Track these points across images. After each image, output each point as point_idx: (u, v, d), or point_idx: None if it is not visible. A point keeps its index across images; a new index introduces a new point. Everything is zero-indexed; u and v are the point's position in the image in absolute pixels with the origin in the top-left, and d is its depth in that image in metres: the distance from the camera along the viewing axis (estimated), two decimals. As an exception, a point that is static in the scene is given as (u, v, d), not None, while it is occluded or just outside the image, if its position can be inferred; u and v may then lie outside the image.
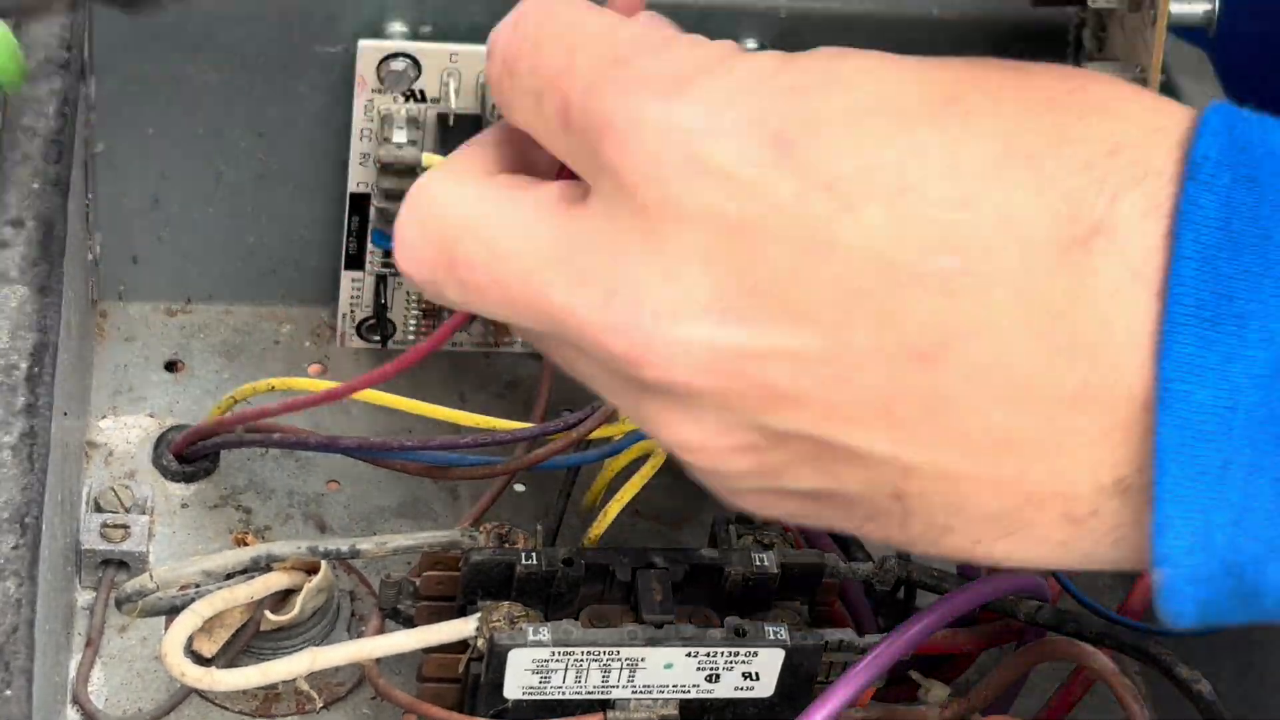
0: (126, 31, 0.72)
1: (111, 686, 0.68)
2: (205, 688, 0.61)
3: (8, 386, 0.58)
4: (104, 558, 0.70)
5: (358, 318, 0.80)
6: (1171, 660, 0.62)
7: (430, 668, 0.65)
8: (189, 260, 0.79)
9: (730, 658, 0.62)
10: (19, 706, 0.51)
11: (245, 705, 0.68)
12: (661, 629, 0.62)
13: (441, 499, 0.76)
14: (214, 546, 0.73)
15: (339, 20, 0.73)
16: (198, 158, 0.76)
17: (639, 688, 0.63)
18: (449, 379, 0.80)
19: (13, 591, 0.54)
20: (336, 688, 0.69)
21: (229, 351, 0.80)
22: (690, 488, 0.76)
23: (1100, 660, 0.62)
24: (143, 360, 0.79)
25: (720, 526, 0.66)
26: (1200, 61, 0.77)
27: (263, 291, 0.81)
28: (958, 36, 0.76)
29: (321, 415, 0.78)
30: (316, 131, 0.76)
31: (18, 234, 0.62)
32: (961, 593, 0.63)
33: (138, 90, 0.74)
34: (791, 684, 0.63)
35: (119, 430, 0.76)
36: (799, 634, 0.63)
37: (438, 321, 0.80)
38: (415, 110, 0.73)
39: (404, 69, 0.72)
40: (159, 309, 0.81)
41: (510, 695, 0.62)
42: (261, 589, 0.65)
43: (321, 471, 0.76)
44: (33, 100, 0.66)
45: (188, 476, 0.75)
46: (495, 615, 0.62)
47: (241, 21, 0.72)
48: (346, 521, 0.75)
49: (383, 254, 0.77)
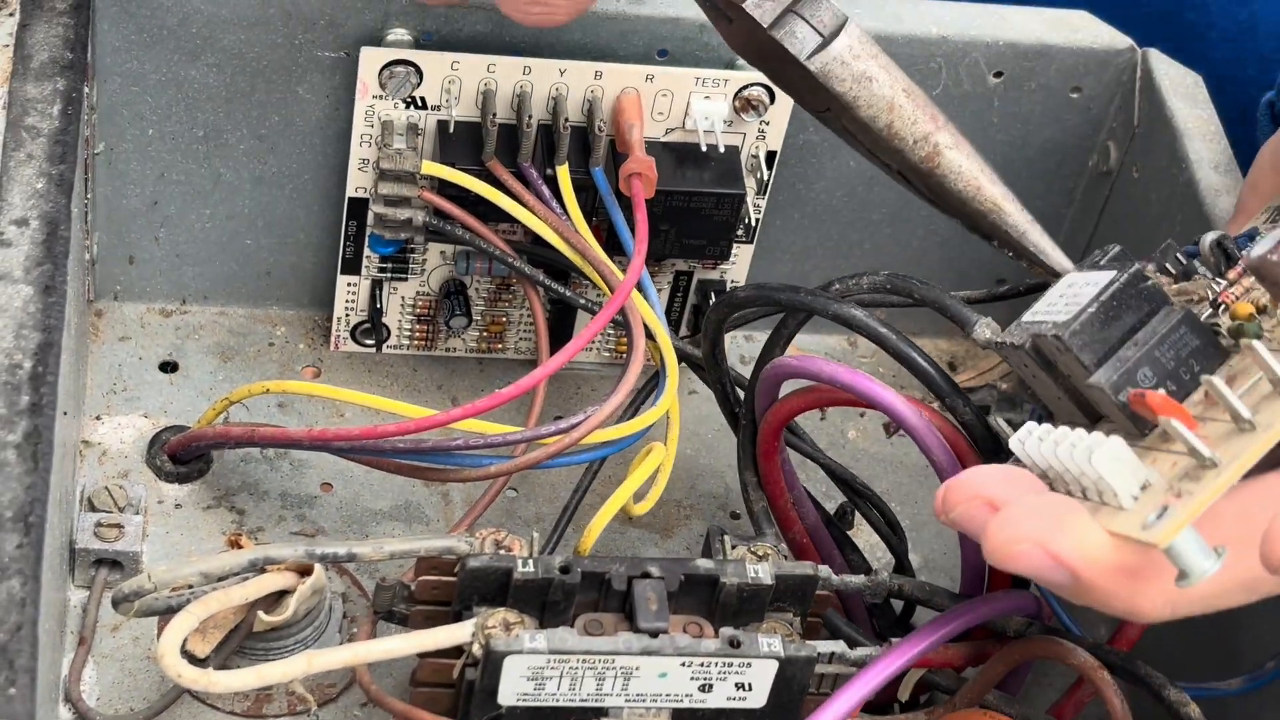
0: (129, 33, 0.72)
1: (104, 685, 0.68)
2: (201, 689, 0.62)
3: (12, 386, 0.58)
4: (97, 557, 0.70)
5: (352, 322, 0.80)
6: (1161, 682, 0.63)
7: (424, 672, 0.65)
8: (186, 261, 0.80)
9: (724, 668, 0.62)
10: (23, 705, 0.51)
11: (237, 705, 0.69)
12: (656, 638, 0.62)
13: (433, 503, 0.76)
14: (207, 547, 0.73)
15: (341, 26, 0.73)
16: (197, 160, 0.76)
17: (633, 696, 0.63)
18: (444, 384, 0.81)
19: (17, 590, 0.54)
20: (328, 689, 0.70)
21: (224, 353, 0.80)
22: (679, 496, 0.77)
23: (1081, 656, 0.63)
24: (138, 360, 0.79)
25: (715, 537, 0.67)
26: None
27: (258, 294, 0.81)
28: (954, 52, 0.76)
29: (315, 418, 0.78)
30: (316, 136, 0.76)
31: (22, 234, 0.62)
32: (960, 612, 0.64)
33: (139, 92, 0.74)
34: (784, 695, 0.64)
35: (113, 430, 0.76)
36: (792, 646, 0.63)
37: (432, 329, 0.80)
38: (416, 117, 0.73)
39: (405, 76, 0.72)
40: (155, 310, 0.81)
41: (504, 701, 0.63)
42: (256, 590, 0.65)
43: (315, 474, 0.76)
44: (37, 100, 0.66)
45: (181, 477, 0.75)
46: (491, 621, 0.62)
47: (244, 25, 0.73)
48: (339, 524, 0.75)
49: (379, 259, 0.77)
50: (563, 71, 0.73)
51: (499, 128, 0.73)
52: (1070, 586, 0.52)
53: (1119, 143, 0.79)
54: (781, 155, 0.77)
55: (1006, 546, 0.52)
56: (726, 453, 0.80)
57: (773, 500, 0.70)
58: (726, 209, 0.75)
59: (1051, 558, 0.52)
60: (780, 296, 0.66)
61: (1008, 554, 0.52)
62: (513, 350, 0.81)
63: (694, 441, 0.81)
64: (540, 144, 0.73)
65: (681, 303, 0.81)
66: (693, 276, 0.80)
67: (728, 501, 0.79)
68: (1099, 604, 0.53)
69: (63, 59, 0.68)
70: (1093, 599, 0.52)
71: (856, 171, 0.80)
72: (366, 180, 0.75)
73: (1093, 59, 0.78)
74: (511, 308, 0.80)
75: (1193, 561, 0.50)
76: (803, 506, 0.71)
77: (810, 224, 0.81)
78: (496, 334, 0.80)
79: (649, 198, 0.73)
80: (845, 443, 0.82)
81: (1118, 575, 0.52)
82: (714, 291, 0.80)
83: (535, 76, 0.73)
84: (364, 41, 0.73)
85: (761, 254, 0.80)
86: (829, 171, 0.80)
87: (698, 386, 0.82)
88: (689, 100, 0.74)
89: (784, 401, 0.67)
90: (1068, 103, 0.79)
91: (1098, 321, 0.57)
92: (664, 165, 0.74)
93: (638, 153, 0.73)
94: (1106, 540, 0.52)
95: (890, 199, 0.81)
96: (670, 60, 0.75)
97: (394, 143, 0.73)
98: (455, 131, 0.73)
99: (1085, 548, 0.52)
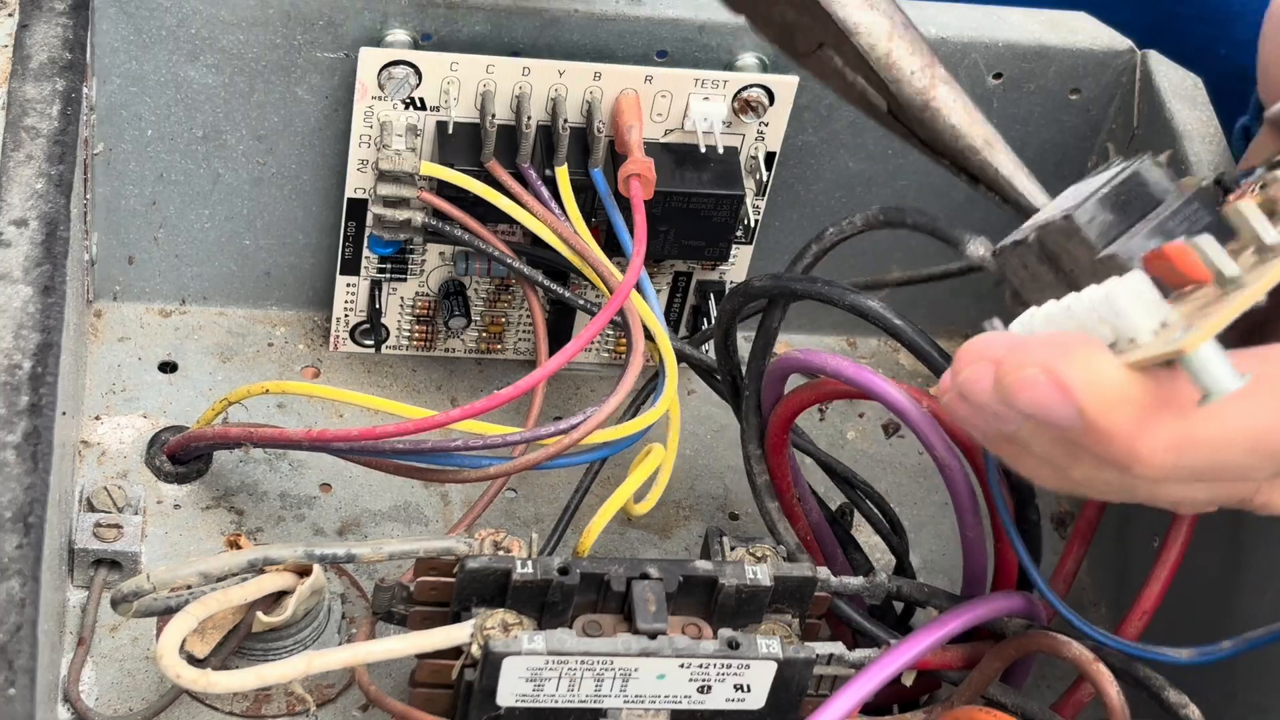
0: (128, 34, 0.72)
1: (102, 685, 0.68)
2: (200, 690, 0.61)
3: (11, 386, 0.58)
4: (96, 557, 0.70)
5: (351, 322, 0.80)
6: (1160, 684, 0.63)
7: (423, 673, 0.65)
8: (185, 262, 0.80)
9: (723, 669, 0.63)
10: (23, 705, 0.51)
11: (236, 706, 0.69)
12: (654, 640, 0.62)
13: (432, 503, 0.76)
14: (206, 548, 0.73)
15: (340, 27, 0.73)
16: (196, 160, 0.76)
17: (631, 697, 0.63)
18: (443, 384, 0.81)
19: (17, 591, 0.54)
20: (326, 690, 0.70)
21: (223, 353, 0.80)
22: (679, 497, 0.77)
23: (1076, 649, 0.63)
24: (137, 361, 0.79)
25: (714, 538, 0.67)
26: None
27: (257, 294, 0.81)
28: (953, 54, 0.76)
29: (315, 418, 0.78)
30: (315, 137, 0.76)
31: (21, 234, 0.62)
32: (958, 613, 0.64)
33: (138, 92, 0.74)
34: (783, 697, 0.64)
35: (112, 430, 0.76)
36: (791, 647, 0.63)
37: (431, 329, 0.80)
38: (415, 118, 0.73)
39: (404, 76, 0.72)
40: (154, 310, 0.81)
41: (503, 702, 0.63)
42: (255, 591, 0.65)
43: (313, 474, 0.76)
44: (36, 101, 0.66)
45: (180, 477, 0.75)
46: (490, 622, 0.62)
47: (243, 26, 0.73)
48: (338, 524, 0.75)
49: (378, 259, 0.77)
50: (561, 72, 0.73)
51: (498, 129, 0.73)
52: (1074, 426, 0.49)
53: (1118, 144, 0.79)
54: (780, 156, 0.77)
55: (1014, 374, 0.50)
56: (725, 453, 0.80)
57: (778, 495, 0.70)
58: (725, 210, 0.75)
59: (1059, 388, 0.49)
60: (797, 286, 0.66)
61: (1015, 382, 0.50)
62: (512, 351, 0.81)
63: (693, 442, 0.81)
64: (539, 145, 0.74)
65: (681, 303, 0.81)
66: (692, 277, 0.80)
67: (727, 502, 0.79)
68: (1100, 452, 0.50)
69: (62, 59, 0.68)
70: (1094, 444, 0.50)
71: (855, 172, 0.80)
72: (365, 181, 0.75)
73: (1092, 60, 0.78)
74: (511, 308, 0.80)
75: (1217, 373, 0.47)
76: (807, 503, 0.71)
77: (809, 225, 0.81)
78: (496, 335, 0.80)
79: (648, 199, 0.73)
80: (844, 443, 0.82)
81: (1125, 410, 0.49)
82: (713, 293, 0.80)
83: (534, 77, 0.73)
84: (363, 42, 0.73)
85: (761, 255, 0.80)
86: (827, 173, 0.80)
87: (697, 386, 0.82)
88: (688, 101, 0.74)
89: (793, 395, 0.67)
90: (1067, 104, 0.79)
91: (1107, 204, 0.56)
92: (663, 166, 0.74)
93: (636, 154, 0.73)
94: (1120, 372, 0.49)
95: (888, 198, 0.81)
96: (669, 61, 0.75)
97: (393, 143, 0.73)
98: (454, 132, 0.73)
99: (1096, 378, 0.49)
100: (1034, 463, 0.53)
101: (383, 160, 0.73)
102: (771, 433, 0.69)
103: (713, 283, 0.80)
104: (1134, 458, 0.50)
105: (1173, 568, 0.66)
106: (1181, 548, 0.67)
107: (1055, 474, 0.53)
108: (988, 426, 0.52)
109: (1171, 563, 0.65)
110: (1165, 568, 0.65)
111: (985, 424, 0.52)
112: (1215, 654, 0.62)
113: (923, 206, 0.65)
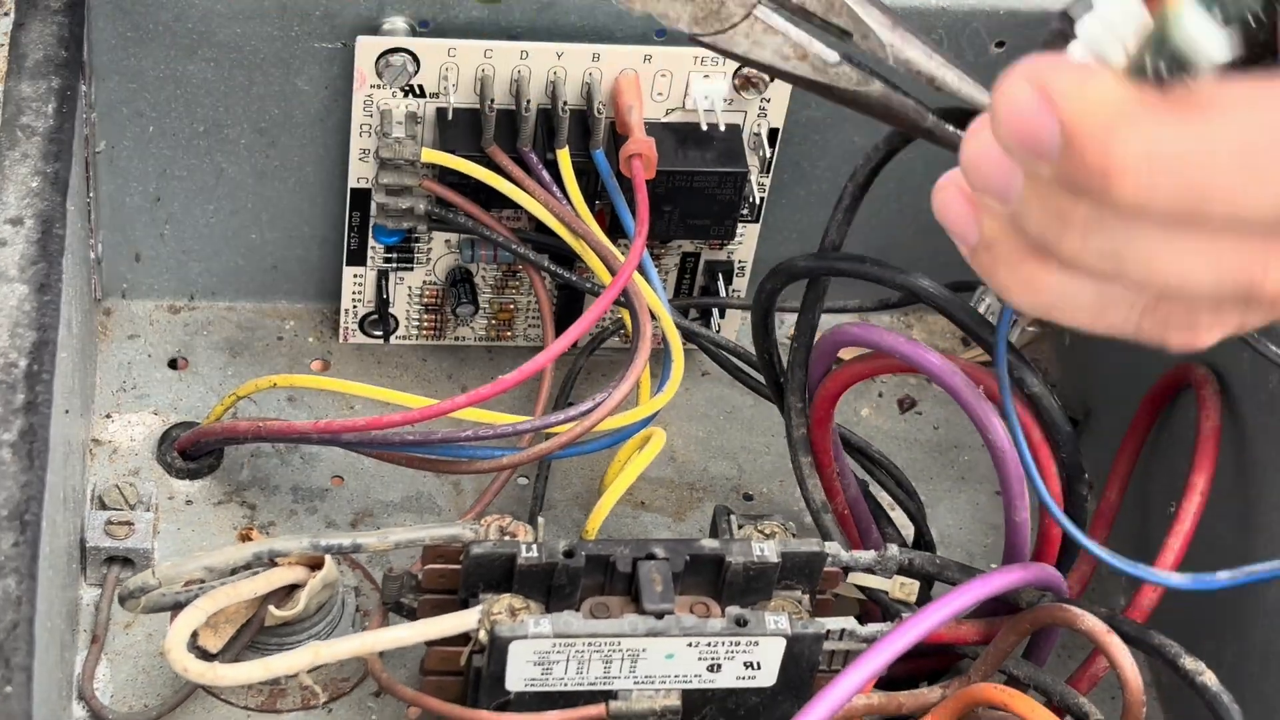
0: (124, 30, 0.72)
1: (117, 682, 0.68)
2: (208, 683, 0.61)
3: (7, 384, 0.58)
4: (109, 554, 0.70)
5: (360, 313, 0.80)
6: (1176, 652, 0.62)
7: (432, 661, 0.65)
8: (191, 257, 0.80)
9: (731, 647, 0.62)
10: (20, 703, 0.51)
11: (250, 700, 0.69)
12: (662, 619, 0.62)
13: (445, 493, 0.76)
14: (218, 543, 0.73)
15: (337, 16, 0.73)
16: (198, 155, 0.76)
17: (641, 678, 0.63)
18: (454, 373, 0.81)
19: (13, 589, 0.54)
20: (341, 683, 0.70)
21: (232, 348, 0.80)
22: (692, 479, 0.77)
23: (1090, 621, 0.62)
24: (146, 357, 0.79)
25: (721, 517, 0.66)
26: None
27: (265, 288, 0.81)
28: (955, 22, 0.76)
29: (325, 411, 0.78)
30: (316, 128, 0.76)
31: (17, 232, 0.62)
32: (973, 586, 0.63)
33: (137, 89, 0.74)
34: (793, 673, 0.63)
35: (123, 427, 0.76)
36: (800, 623, 0.63)
37: (440, 318, 0.80)
38: (414, 105, 0.73)
39: (402, 64, 0.72)
40: (162, 306, 0.81)
41: (512, 687, 0.62)
42: (266, 585, 0.65)
43: (325, 467, 0.76)
44: (31, 99, 0.66)
45: (192, 473, 0.75)
46: (496, 607, 0.62)
47: (239, 19, 0.72)
48: (350, 517, 0.75)
49: (384, 249, 0.77)
50: (560, 55, 0.73)
51: (498, 113, 0.73)
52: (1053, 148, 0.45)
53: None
54: (784, 133, 0.76)
55: (1004, 88, 0.45)
56: (739, 435, 0.80)
57: (820, 469, 0.70)
58: (729, 188, 0.75)
59: (1043, 97, 0.44)
60: (844, 266, 0.66)
61: (1002, 95, 0.45)
62: (522, 337, 0.81)
63: (706, 424, 0.80)
64: (540, 128, 0.73)
65: (690, 284, 0.80)
66: (700, 257, 0.79)
67: (740, 483, 0.78)
68: (1074, 167, 0.45)
69: (57, 57, 0.68)
70: (1069, 161, 0.45)
71: (861, 147, 0.79)
72: (368, 170, 0.75)
73: (1096, 26, 0.77)
74: (519, 294, 0.79)
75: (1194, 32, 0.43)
76: (845, 478, 0.71)
77: (816, 201, 0.80)
78: (505, 321, 0.80)
79: (650, 178, 0.73)
80: (859, 420, 0.81)
81: (1103, 110, 0.44)
82: (721, 272, 0.79)
83: (532, 61, 0.72)
84: (360, 31, 0.72)
85: (767, 233, 0.79)
86: (833, 148, 0.79)
87: (709, 368, 0.81)
88: (688, 80, 0.74)
89: (844, 368, 0.67)
90: (1073, 71, 0.78)
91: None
92: (665, 146, 0.74)
93: (638, 134, 0.73)
94: (1107, 80, 0.45)
95: (896, 172, 0.80)
96: (668, 40, 0.74)
97: (393, 131, 0.73)
98: (454, 118, 0.73)
99: (1080, 86, 0.44)
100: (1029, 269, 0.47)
101: (384, 149, 0.73)
102: (818, 405, 0.69)
103: (721, 262, 0.79)
104: (1108, 168, 0.44)
105: (1187, 537, 0.66)
106: (1197, 513, 0.66)
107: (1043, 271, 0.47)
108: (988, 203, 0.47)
109: (1189, 524, 0.66)
110: (1186, 520, 0.66)
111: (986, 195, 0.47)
112: (1212, 583, 0.61)
113: (928, 175, 0.65)
